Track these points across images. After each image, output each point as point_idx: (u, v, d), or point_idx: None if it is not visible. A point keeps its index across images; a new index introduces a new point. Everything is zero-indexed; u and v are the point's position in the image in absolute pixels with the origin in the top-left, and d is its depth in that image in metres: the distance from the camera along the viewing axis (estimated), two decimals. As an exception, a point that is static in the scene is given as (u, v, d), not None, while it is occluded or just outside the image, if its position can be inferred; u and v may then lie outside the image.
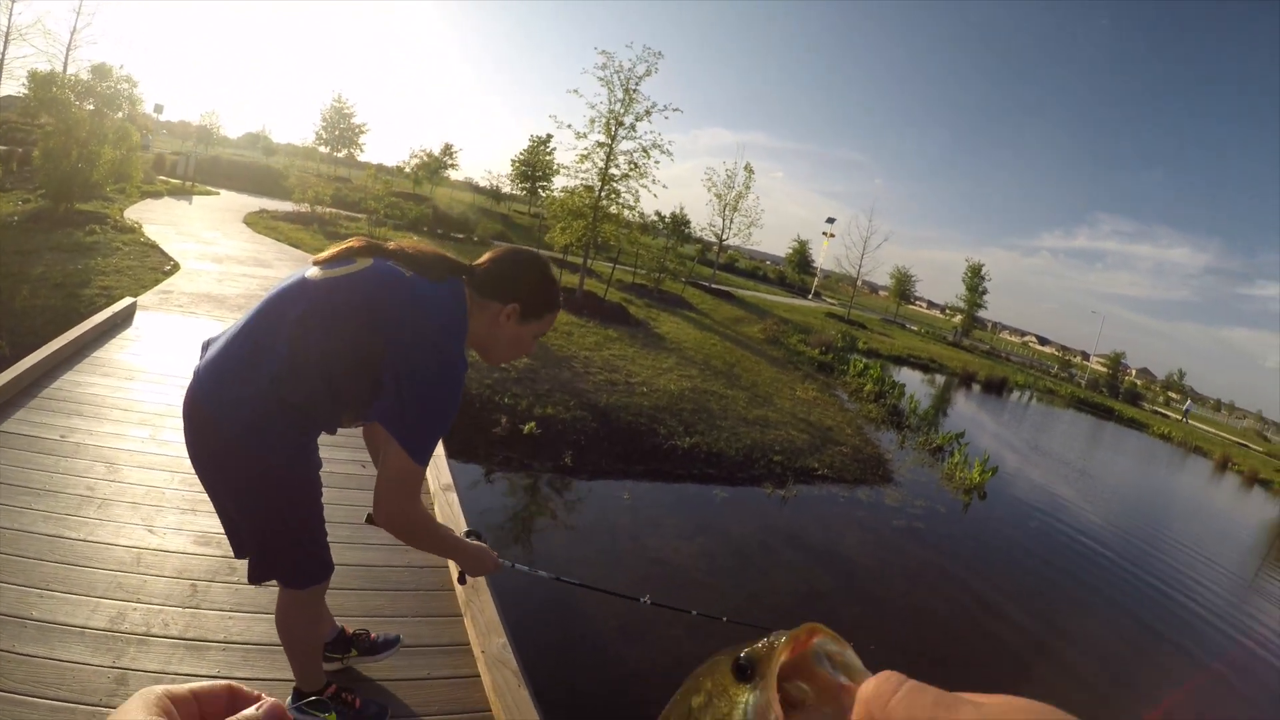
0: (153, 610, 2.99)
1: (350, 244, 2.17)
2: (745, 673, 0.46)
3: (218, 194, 26.84)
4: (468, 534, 2.40)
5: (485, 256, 2.24)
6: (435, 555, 2.30)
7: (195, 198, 23.94)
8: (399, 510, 1.99)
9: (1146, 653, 8.19)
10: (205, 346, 2.18)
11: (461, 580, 2.54)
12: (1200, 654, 8.45)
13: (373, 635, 2.95)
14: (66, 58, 35.58)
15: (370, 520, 2.35)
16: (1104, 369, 62.65)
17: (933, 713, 0.33)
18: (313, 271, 2.11)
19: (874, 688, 0.37)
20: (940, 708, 0.33)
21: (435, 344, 1.98)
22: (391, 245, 2.18)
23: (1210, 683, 7.83)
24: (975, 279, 56.95)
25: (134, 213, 16.48)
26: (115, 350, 6.29)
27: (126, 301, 7.53)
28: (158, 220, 16.01)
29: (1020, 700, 0.32)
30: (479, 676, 3.08)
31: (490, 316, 2.17)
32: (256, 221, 19.71)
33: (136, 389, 5.48)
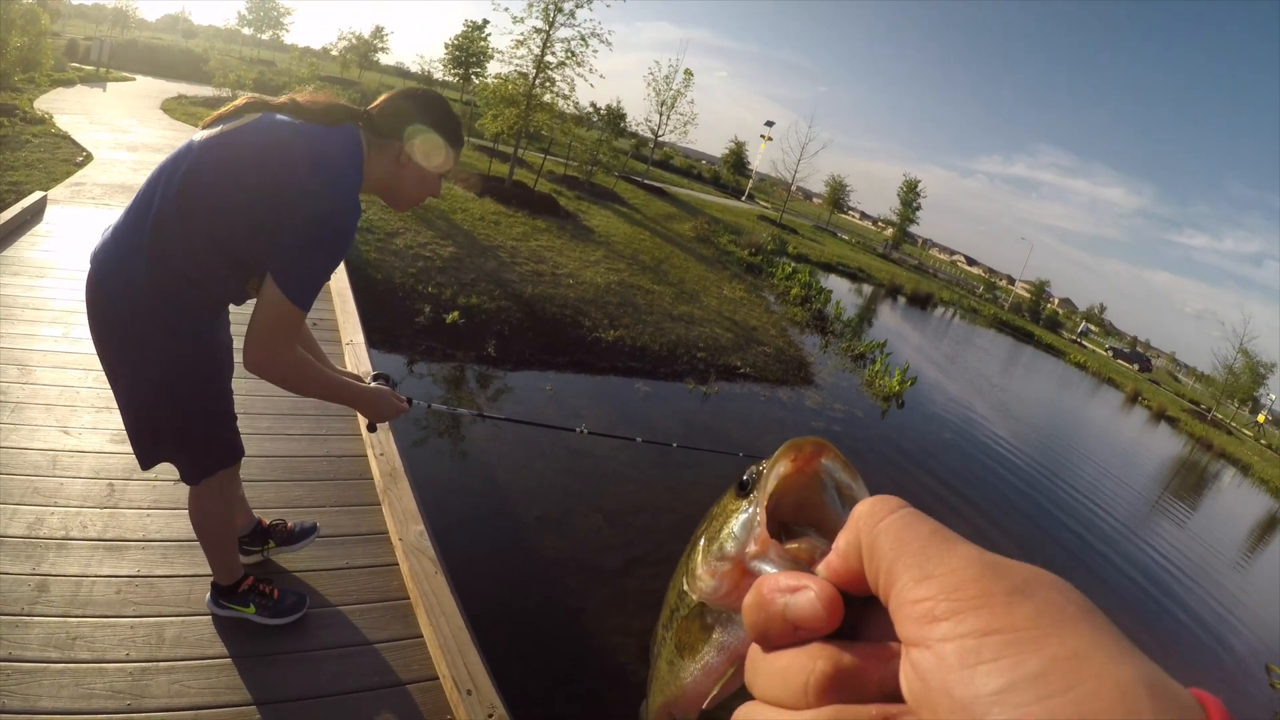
0: (70, 513, 2.93)
1: (237, 103, 2.09)
2: (746, 488, 0.42)
3: (134, 80, 25.50)
4: (376, 378, 2.34)
5: (380, 98, 2.13)
6: (329, 402, 2.20)
7: (110, 85, 22.65)
8: (268, 354, 1.90)
9: (1043, 559, 8.61)
10: (105, 231, 2.08)
11: (371, 429, 2.48)
12: (1099, 570, 8.93)
13: (289, 525, 2.94)
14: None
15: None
16: (1028, 295, 64.43)
17: (928, 541, 0.30)
18: (201, 134, 2.02)
19: (869, 507, 0.34)
20: (938, 538, 0.31)
21: (324, 187, 1.89)
22: (281, 99, 2.09)
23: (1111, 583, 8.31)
24: (911, 194, 57.48)
25: (44, 103, 15.52)
26: (26, 248, 5.98)
27: (36, 196, 7.13)
28: (70, 110, 15.07)
29: (1029, 565, 0.29)
30: (397, 565, 3.10)
31: (390, 158, 2.08)
32: (174, 108, 18.89)
33: (48, 287, 5.23)
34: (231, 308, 2.28)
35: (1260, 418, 49.46)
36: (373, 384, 2.28)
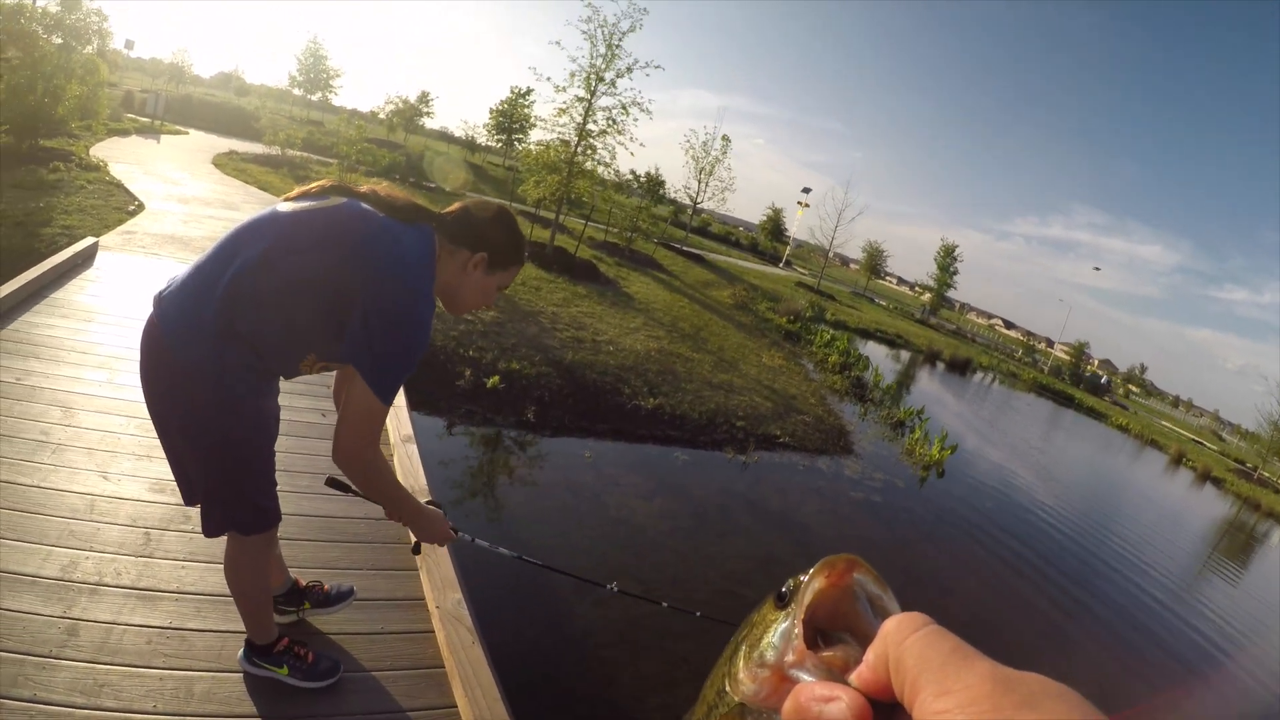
0: (105, 559, 2.93)
1: (322, 183, 2.16)
2: (784, 600, 0.46)
3: (187, 134, 26.41)
4: (429, 503, 2.38)
5: (455, 206, 2.24)
6: (386, 511, 2.25)
7: (164, 137, 23.50)
8: (357, 449, 1.97)
9: (1090, 635, 8.36)
10: (173, 280, 2.12)
11: (415, 550, 2.52)
12: (1153, 652, 8.64)
13: (326, 587, 2.92)
14: (36, -12, 34.24)
15: (329, 483, 2.31)
16: (1067, 357, 63.52)
17: (948, 658, 0.34)
18: (284, 206, 2.09)
19: (896, 624, 0.37)
20: (957, 655, 0.34)
21: (406, 283, 1.96)
22: (364, 188, 2.17)
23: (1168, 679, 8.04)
24: (947, 259, 57.37)
25: (100, 151, 16.11)
26: (75, 291, 6.11)
27: (88, 241, 7.31)
28: (124, 159, 15.63)
29: (1038, 676, 0.32)
30: (433, 632, 3.06)
31: (458, 264, 2.17)
32: (225, 163, 19.38)
33: (95, 331, 5.34)
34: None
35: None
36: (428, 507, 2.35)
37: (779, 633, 0.45)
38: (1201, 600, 11.49)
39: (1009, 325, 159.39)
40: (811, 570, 0.45)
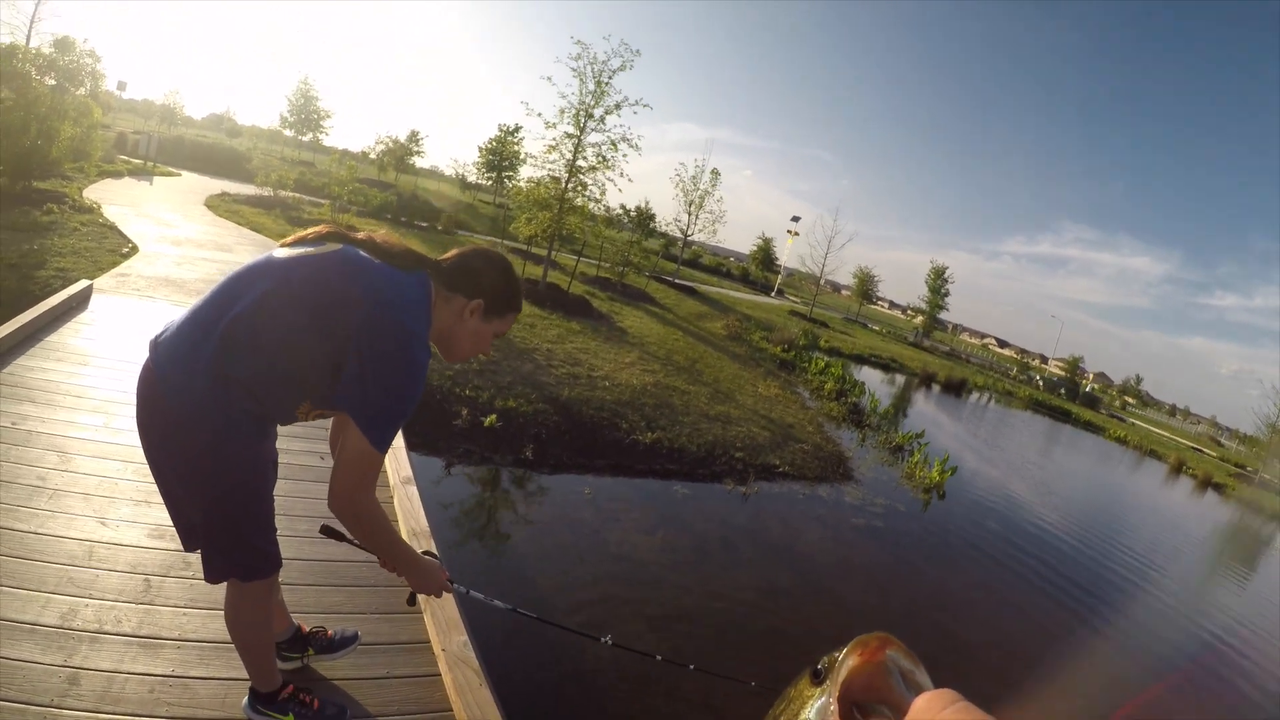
0: (105, 606, 2.90)
1: (319, 229, 2.17)
2: (820, 677, 0.49)
3: (179, 175, 26.57)
4: (425, 554, 2.36)
5: (452, 252, 2.26)
6: (381, 559, 2.23)
7: (156, 178, 23.64)
8: (350, 497, 1.95)
9: (1097, 658, 8.29)
10: (170, 325, 2.12)
11: (410, 600, 2.50)
12: (1152, 667, 8.59)
13: (329, 632, 2.89)
14: (30, 30, 34.29)
15: (324, 530, 2.29)
16: (1062, 372, 63.61)
17: None
18: (281, 252, 2.09)
19: (925, 702, 0.39)
20: None
21: (402, 329, 1.96)
22: (361, 234, 2.18)
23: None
24: (938, 281, 57.64)
25: (93, 192, 16.19)
26: (70, 335, 6.12)
27: (83, 284, 7.33)
28: (117, 201, 15.72)
29: None
30: (440, 675, 3.03)
31: (454, 311, 2.17)
32: (218, 204, 19.45)
33: (91, 375, 5.33)
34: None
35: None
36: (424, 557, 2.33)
37: (815, 709, 0.47)
38: (1213, 603, 11.47)
39: (1002, 344, 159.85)
40: (846, 648, 0.47)
